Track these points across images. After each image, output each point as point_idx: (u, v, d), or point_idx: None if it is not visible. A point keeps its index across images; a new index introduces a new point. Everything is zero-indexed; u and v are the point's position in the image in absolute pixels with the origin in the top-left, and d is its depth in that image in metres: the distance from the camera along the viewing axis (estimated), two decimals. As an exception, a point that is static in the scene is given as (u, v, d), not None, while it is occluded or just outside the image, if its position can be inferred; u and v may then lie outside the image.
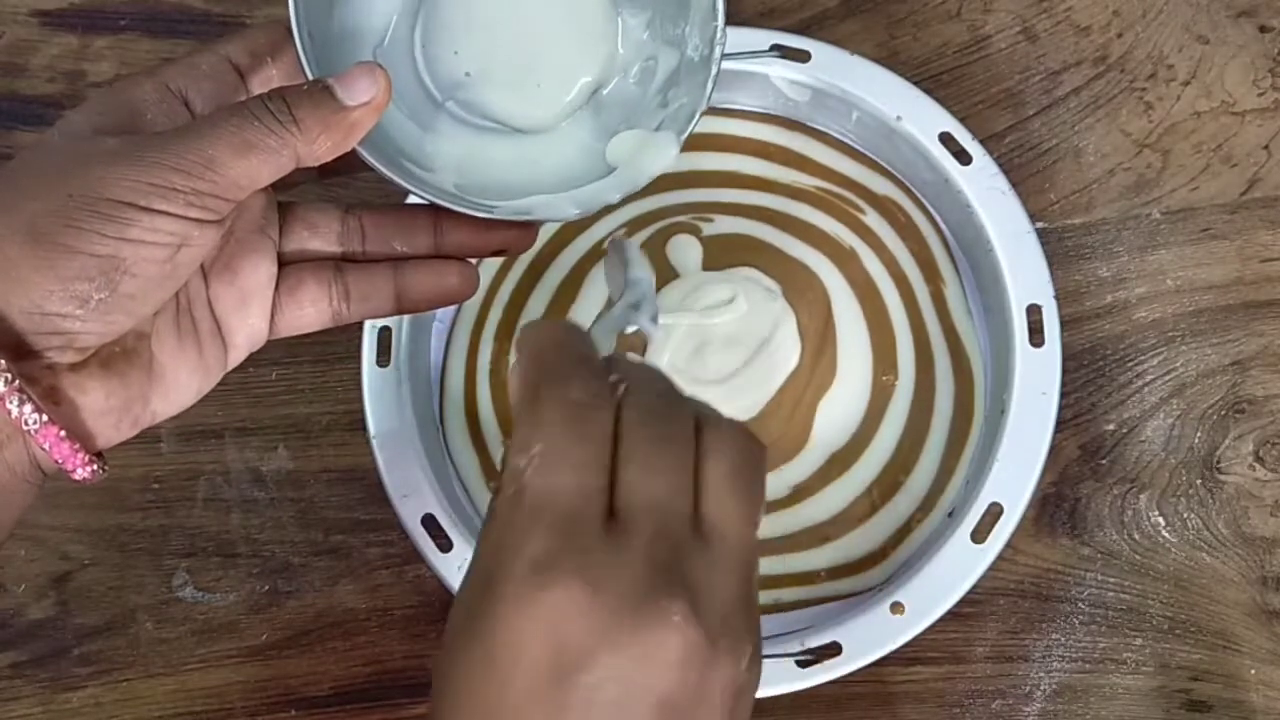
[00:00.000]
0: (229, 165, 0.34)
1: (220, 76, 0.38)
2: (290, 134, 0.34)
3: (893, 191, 0.59)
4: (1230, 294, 0.59)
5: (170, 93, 0.37)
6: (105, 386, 0.36)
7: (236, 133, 0.34)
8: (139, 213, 0.33)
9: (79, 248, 0.33)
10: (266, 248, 0.40)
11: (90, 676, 0.55)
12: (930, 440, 0.55)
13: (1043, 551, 0.56)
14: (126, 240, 0.33)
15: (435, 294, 0.42)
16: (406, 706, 0.54)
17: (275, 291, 0.40)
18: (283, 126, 0.34)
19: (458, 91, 0.43)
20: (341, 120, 0.35)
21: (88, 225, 0.33)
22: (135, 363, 0.37)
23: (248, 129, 0.34)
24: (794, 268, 0.57)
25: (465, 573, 0.32)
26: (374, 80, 0.35)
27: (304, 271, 0.41)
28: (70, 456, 0.34)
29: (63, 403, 0.35)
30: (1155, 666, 0.54)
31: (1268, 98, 0.61)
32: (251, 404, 0.58)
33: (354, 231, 0.41)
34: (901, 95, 0.56)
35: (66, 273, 0.33)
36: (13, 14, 0.65)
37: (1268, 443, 0.57)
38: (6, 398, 0.33)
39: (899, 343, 0.56)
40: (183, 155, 0.33)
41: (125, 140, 0.34)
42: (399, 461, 0.52)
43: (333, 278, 0.41)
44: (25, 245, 0.32)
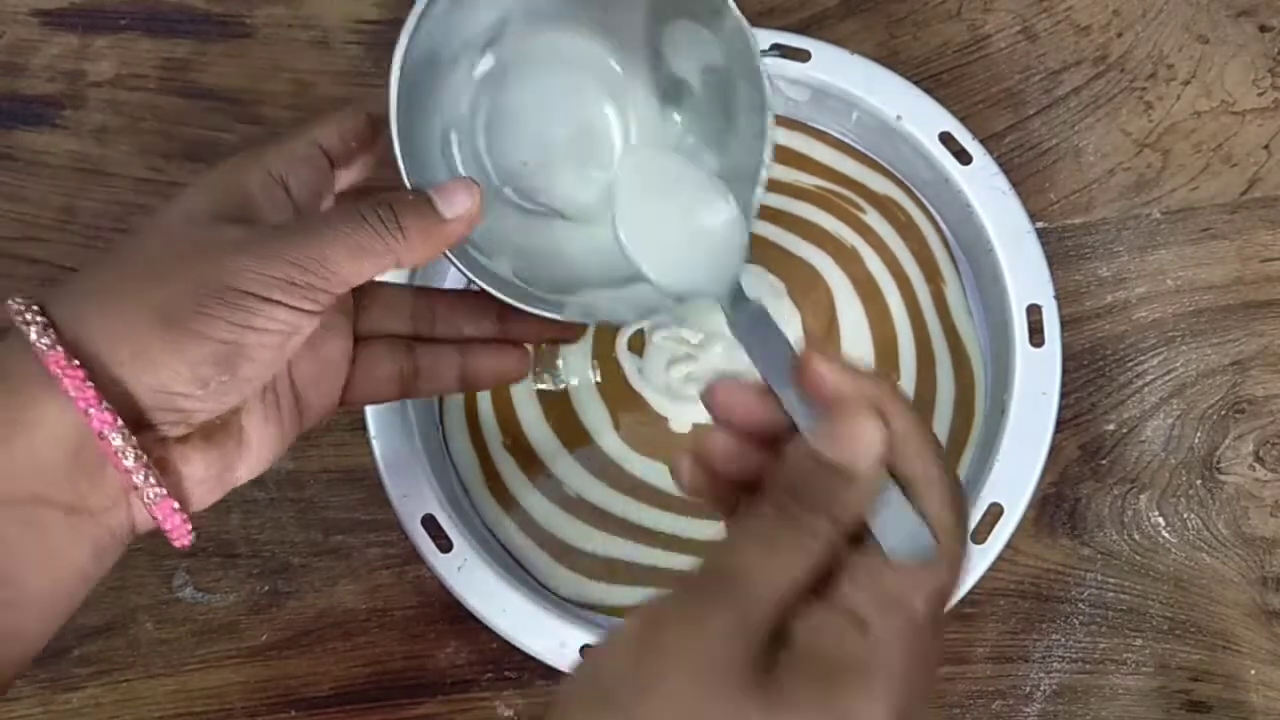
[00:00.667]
0: (341, 264, 0.36)
1: (313, 162, 0.40)
2: (396, 241, 0.37)
3: (893, 191, 0.59)
4: (1230, 294, 0.59)
5: (272, 179, 0.39)
6: (206, 458, 0.38)
7: (350, 236, 0.36)
8: (261, 303, 0.35)
9: (208, 334, 0.35)
10: (345, 326, 0.43)
11: (90, 677, 0.55)
12: (931, 441, 0.55)
13: (1043, 552, 0.56)
14: (250, 328, 0.35)
15: (496, 376, 0.45)
16: (406, 707, 0.54)
17: (351, 366, 0.43)
18: (389, 234, 0.37)
19: (516, 180, 0.45)
20: (440, 231, 0.38)
21: (216, 313, 0.35)
22: (230, 434, 0.39)
23: (360, 233, 0.37)
24: (797, 266, 0.57)
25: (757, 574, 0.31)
26: (470, 195, 0.38)
27: (379, 349, 0.43)
28: (179, 526, 0.37)
29: (170, 473, 0.37)
30: (1155, 667, 0.54)
31: (1268, 97, 0.61)
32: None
33: (424, 313, 0.44)
34: (901, 95, 0.56)
35: (194, 357, 0.35)
36: (13, 13, 0.65)
37: (1268, 443, 0.57)
38: (135, 472, 0.35)
39: (900, 342, 0.56)
40: (302, 252, 0.36)
41: (248, 232, 0.37)
42: (399, 462, 0.52)
43: (404, 357, 0.44)
44: (157, 328, 0.35)
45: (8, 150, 0.62)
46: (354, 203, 0.38)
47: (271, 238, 0.36)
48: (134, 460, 0.35)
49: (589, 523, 0.55)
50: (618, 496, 0.55)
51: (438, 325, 0.45)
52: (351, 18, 0.64)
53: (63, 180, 0.62)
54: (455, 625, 0.55)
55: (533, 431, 0.56)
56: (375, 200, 0.38)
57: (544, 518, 0.55)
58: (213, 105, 0.63)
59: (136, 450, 0.35)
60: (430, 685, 0.54)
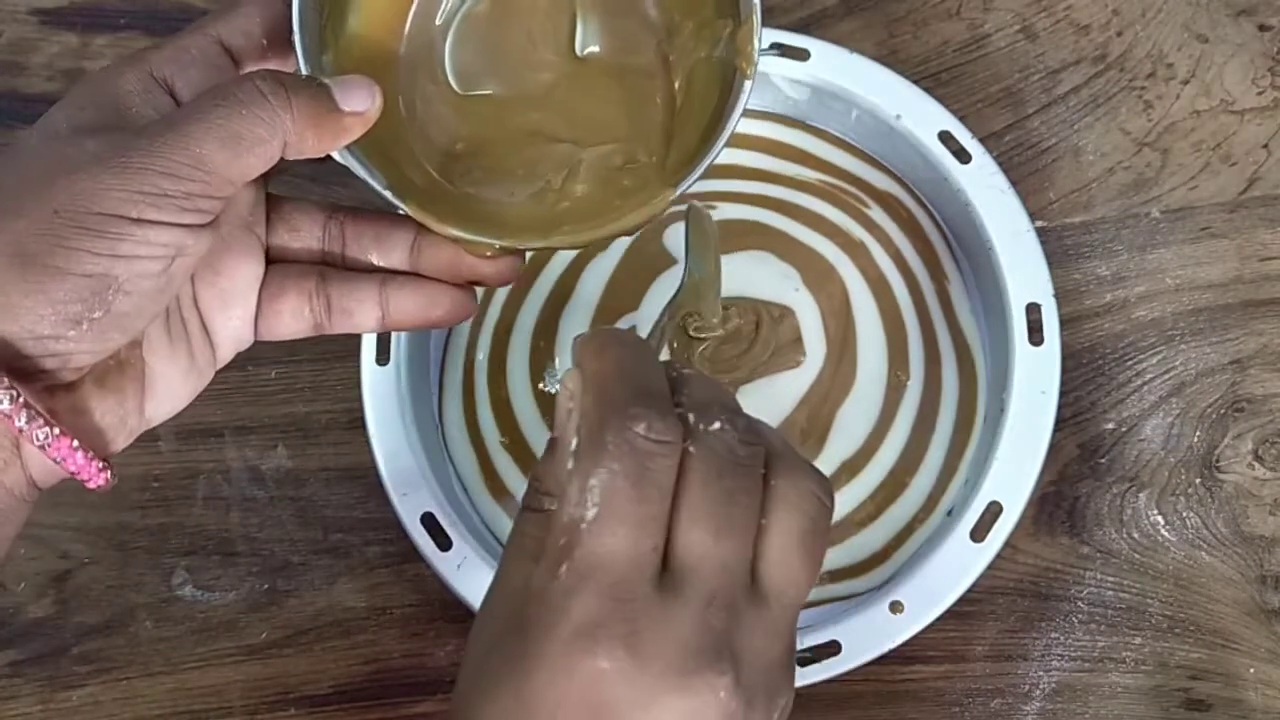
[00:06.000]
0: (220, 162, 0.32)
1: (210, 61, 0.35)
2: (282, 122, 0.33)
3: (894, 188, 0.59)
4: (1229, 293, 0.59)
5: (155, 82, 0.34)
6: (102, 404, 0.35)
7: (224, 123, 0.32)
8: (130, 225, 0.31)
9: (69, 269, 0.31)
10: (252, 246, 0.38)
11: (89, 675, 0.55)
12: (935, 441, 0.55)
13: (1042, 550, 0.56)
14: (119, 256, 0.31)
15: (423, 317, 0.40)
16: (406, 705, 0.54)
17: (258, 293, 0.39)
18: (275, 114, 0.33)
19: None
20: (333, 123, 0.34)
21: (77, 244, 0.31)
22: (129, 374, 0.35)
23: (236, 119, 0.32)
24: (809, 255, 0.57)
25: (489, 596, 0.30)
26: (371, 93, 0.35)
27: (287, 277, 0.39)
28: (85, 466, 0.33)
29: (62, 424, 0.33)
30: (1154, 665, 0.54)
31: (1267, 96, 0.61)
32: (251, 402, 0.58)
33: (335, 237, 0.40)
34: (901, 94, 0.56)
35: (58, 295, 0.31)
36: (12, 12, 0.65)
37: (1267, 441, 0.57)
38: (14, 415, 0.31)
39: (910, 340, 0.56)
40: (169, 156, 0.31)
41: (106, 142, 0.32)
42: (398, 460, 0.52)
43: (315, 288, 0.39)
44: (13, 269, 0.31)
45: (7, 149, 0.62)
46: (225, 85, 0.33)
47: (133, 145, 0.31)
48: (9, 403, 0.31)
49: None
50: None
51: (347, 251, 0.39)
52: (351, 16, 0.64)
53: (62, 179, 0.62)
54: (455, 624, 0.55)
55: (530, 431, 0.56)
56: (258, 75, 0.33)
57: (543, 516, 0.55)
58: (212, 104, 0.63)
59: (11, 392, 0.31)
60: (430, 683, 0.54)
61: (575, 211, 0.40)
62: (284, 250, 0.39)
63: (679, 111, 0.41)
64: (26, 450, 0.33)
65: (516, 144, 0.41)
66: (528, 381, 0.56)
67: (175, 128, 0.32)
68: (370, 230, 0.39)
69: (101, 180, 0.31)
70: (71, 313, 0.31)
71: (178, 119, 0.32)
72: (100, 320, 0.32)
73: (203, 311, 0.38)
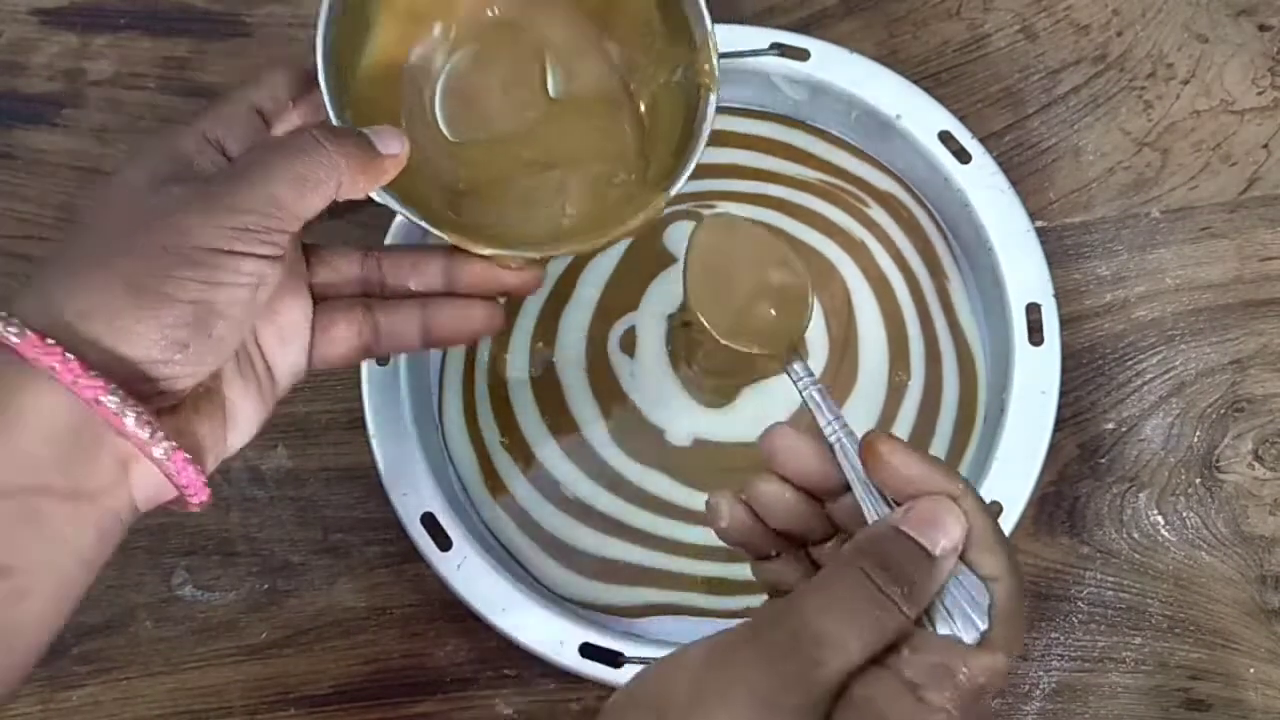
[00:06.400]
0: (289, 199, 0.37)
1: (249, 123, 0.40)
2: (337, 165, 0.38)
3: (894, 188, 0.59)
4: (1229, 293, 0.59)
5: (208, 142, 0.39)
6: (199, 428, 0.39)
7: (290, 168, 0.37)
8: (224, 257, 0.36)
9: (179, 296, 0.35)
10: (300, 287, 0.43)
11: (89, 675, 0.55)
12: (935, 442, 0.55)
13: (1042, 550, 0.56)
14: (216, 284, 0.36)
15: (460, 331, 0.45)
16: (406, 705, 0.54)
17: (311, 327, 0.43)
18: (331, 158, 0.38)
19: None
20: (375, 166, 0.39)
21: (181, 274, 0.35)
22: (215, 401, 0.40)
23: (298, 163, 0.37)
24: (810, 255, 0.57)
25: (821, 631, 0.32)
26: (401, 140, 0.40)
27: (335, 310, 0.43)
28: (194, 480, 0.37)
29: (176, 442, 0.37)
30: (1154, 665, 0.54)
31: (1267, 96, 0.61)
32: (251, 402, 0.58)
33: (373, 269, 0.44)
34: (901, 94, 0.56)
35: (167, 320, 0.35)
36: (12, 12, 0.65)
37: (1267, 441, 0.57)
38: (140, 429, 0.35)
39: (910, 340, 0.56)
40: (249, 196, 0.36)
41: (191, 189, 0.37)
42: (398, 460, 0.52)
43: (363, 316, 0.44)
44: (128, 298, 0.35)
45: (7, 149, 0.62)
46: (288, 137, 0.39)
47: (218, 189, 0.37)
48: (135, 419, 0.35)
49: (587, 524, 0.55)
50: (616, 500, 0.55)
51: (387, 281, 0.45)
52: (351, 16, 0.64)
53: (62, 179, 0.62)
54: (455, 623, 0.54)
55: (530, 432, 0.56)
56: (313, 128, 0.38)
57: (543, 517, 0.55)
58: (212, 104, 0.63)
59: (136, 409, 0.35)
60: (430, 683, 0.54)
61: (581, 224, 0.46)
62: (329, 287, 0.44)
63: (649, 131, 0.47)
64: (134, 473, 0.36)
65: (510, 179, 0.46)
66: (528, 381, 0.56)
67: (249, 174, 0.37)
68: (406, 260, 0.45)
69: (198, 220, 0.36)
70: (179, 337, 0.35)
71: (250, 167, 0.37)
72: (201, 344, 0.36)
73: (264, 349, 0.42)
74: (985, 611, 0.34)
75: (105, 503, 0.36)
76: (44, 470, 0.34)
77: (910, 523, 0.34)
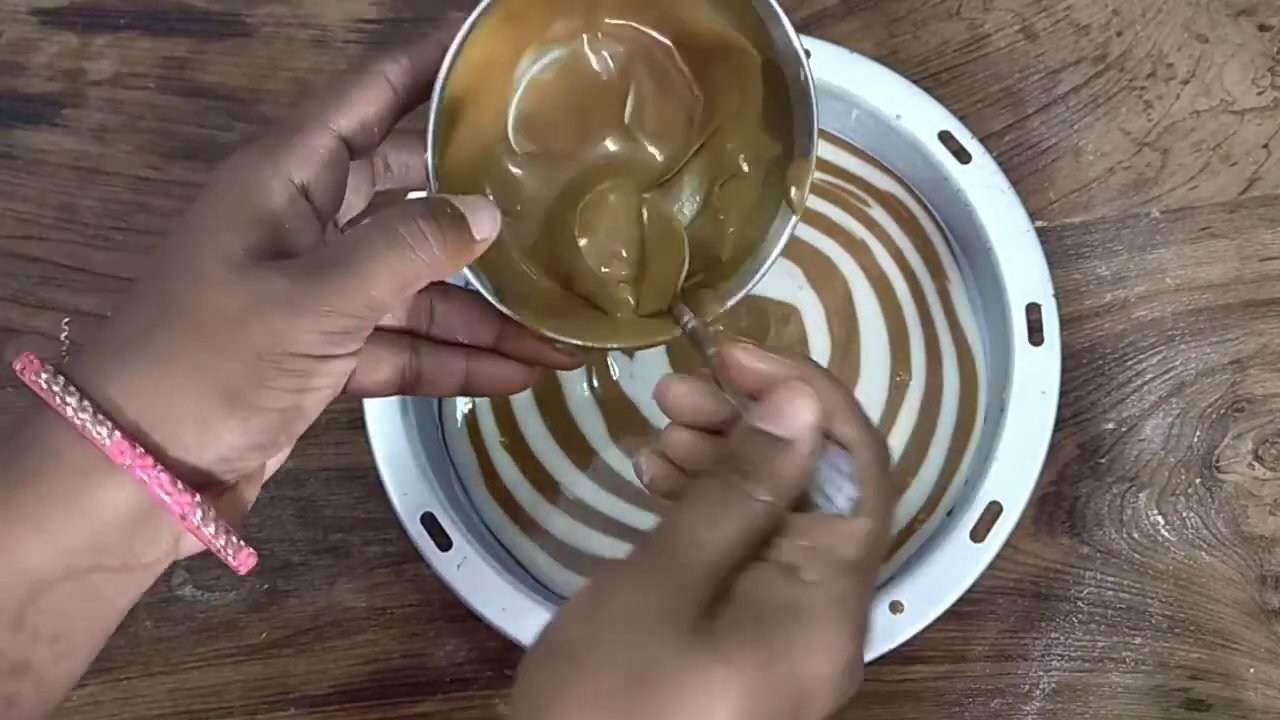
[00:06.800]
0: (389, 301, 0.35)
1: (334, 161, 0.37)
2: (438, 261, 0.35)
3: (894, 188, 0.59)
4: (1229, 293, 0.59)
5: (296, 189, 0.36)
6: (250, 490, 0.38)
7: (396, 268, 0.35)
8: (318, 363, 0.35)
9: (269, 405, 0.34)
10: None
11: (89, 675, 0.54)
12: (936, 441, 0.55)
13: (1042, 550, 0.56)
14: (308, 390, 0.35)
15: (498, 388, 0.43)
16: (406, 705, 0.54)
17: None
18: (434, 255, 0.35)
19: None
20: (467, 250, 0.37)
21: (276, 384, 0.34)
22: None
23: (405, 263, 0.35)
24: (811, 253, 0.57)
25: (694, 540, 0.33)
26: (494, 218, 0.37)
27: (381, 347, 0.41)
28: (246, 560, 0.36)
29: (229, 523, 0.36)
30: (1154, 665, 0.54)
31: (1267, 96, 0.61)
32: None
33: (423, 311, 0.42)
34: (901, 94, 0.56)
35: (255, 427, 0.35)
36: (12, 12, 0.65)
37: (1267, 441, 0.57)
38: (217, 538, 0.35)
39: (911, 340, 0.56)
40: (350, 298, 0.34)
41: (293, 282, 0.34)
42: (398, 460, 0.52)
43: (409, 359, 0.41)
44: (222, 406, 0.34)
45: (7, 149, 0.62)
46: (387, 222, 0.36)
47: (317, 285, 0.34)
48: (214, 529, 0.35)
49: (587, 524, 0.55)
50: (616, 501, 0.55)
51: (435, 326, 0.42)
52: (351, 17, 0.64)
53: (62, 179, 0.62)
54: (454, 623, 0.55)
55: (529, 431, 0.56)
56: (412, 215, 0.36)
57: (543, 517, 0.55)
58: (212, 104, 0.63)
59: (217, 522, 0.35)
60: (430, 683, 0.54)
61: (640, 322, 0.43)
62: None
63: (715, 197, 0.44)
64: (184, 542, 0.36)
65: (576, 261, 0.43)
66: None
67: (352, 269, 0.35)
68: (461, 312, 0.42)
69: (296, 325, 0.34)
70: (261, 441, 0.35)
71: (353, 259, 0.35)
72: (282, 443, 0.36)
73: None
74: (850, 478, 0.35)
75: (155, 570, 0.36)
76: (108, 552, 0.34)
77: (761, 416, 0.35)
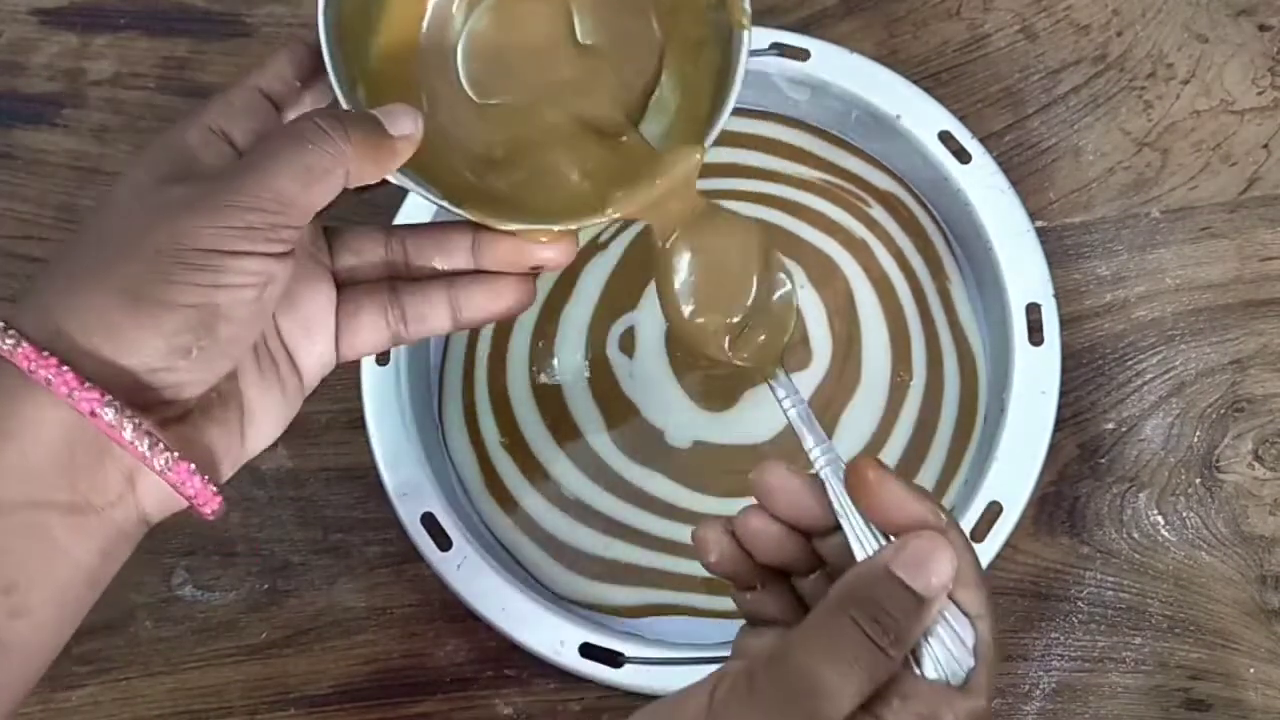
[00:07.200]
0: (294, 193, 0.35)
1: (256, 110, 0.39)
2: (343, 153, 0.36)
3: (894, 188, 0.59)
4: (1229, 293, 0.59)
5: (213, 133, 0.38)
6: (210, 434, 0.37)
7: (295, 159, 0.35)
8: (225, 258, 0.34)
9: (177, 301, 0.34)
10: (321, 274, 0.41)
11: (89, 675, 0.55)
12: (936, 442, 0.55)
13: (1042, 550, 0.56)
14: (219, 287, 0.34)
15: (492, 310, 0.43)
16: (406, 705, 0.54)
17: (336, 316, 0.41)
18: (337, 146, 0.36)
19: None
20: (386, 149, 0.37)
21: (182, 279, 0.34)
22: (230, 406, 0.38)
23: (305, 155, 0.35)
24: (811, 253, 0.57)
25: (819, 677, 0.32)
26: (414, 118, 0.38)
27: (360, 295, 0.42)
28: (202, 490, 0.35)
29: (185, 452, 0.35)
30: (1154, 665, 0.54)
31: (1267, 96, 0.61)
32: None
33: (397, 251, 0.42)
34: (901, 94, 0.56)
35: (169, 327, 0.34)
36: (12, 12, 0.65)
37: (1267, 441, 0.57)
38: (137, 441, 0.34)
39: (913, 339, 0.56)
40: (251, 193, 0.35)
41: (191, 187, 0.35)
42: (398, 460, 0.52)
43: (389, 301, 0.42)
44: (126, 307, 0.34)
45: (7, 149, 0.62)
46: (291, 125, 0.37)
47: (218, 187, 0.35)
48: (133, 430, 0.34)
49: (587, 524, 0.55)
50: (616, 501, 0.55)
51: (411, 262, 0.42)
52: (351, 16, 0.64)
53: (62, 179, 0.62)
54: (454, 623, 0.54)
55: (529, 431, 0.56)
56: (317, 115, 0.37)
57: (542, 518, 0.55)
58: (212, 104, 0.63)
59: (134, 420, 0.34)
60: (430, 683, 0.54)
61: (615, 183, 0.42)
62: (353, 272, 0.42)
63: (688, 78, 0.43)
64: (140, 485, 0.35)
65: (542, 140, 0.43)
66: (527, 381, 0.56)
67: (252, 168, 0.35)
68: (429, 239, 0.42)
69: (195, 220, 0.34)
70: (181, 343, 0.34)
71: (252, 161, 0.36)
72: (207, 349, 0.35)
73: (287, 343, 0.40)
74: (970, 650, 0.34)
75: (111, 515, 0.35)
76: (47, 484, 0.34)
77: (901, 564, 0.33)
